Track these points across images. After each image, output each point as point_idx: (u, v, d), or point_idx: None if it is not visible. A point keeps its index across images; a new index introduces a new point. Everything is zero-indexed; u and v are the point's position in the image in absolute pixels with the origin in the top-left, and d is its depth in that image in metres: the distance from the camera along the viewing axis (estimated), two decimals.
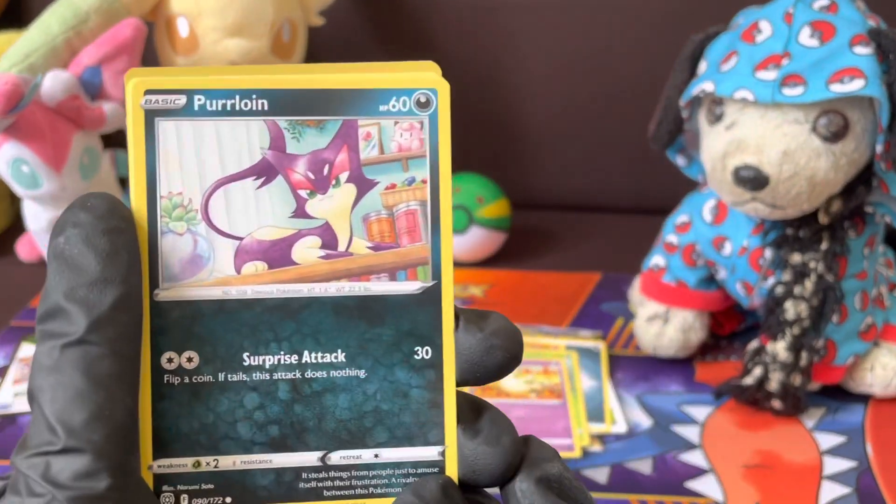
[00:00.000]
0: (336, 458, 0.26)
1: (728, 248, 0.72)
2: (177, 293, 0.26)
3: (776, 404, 0.69)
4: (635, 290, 0.83)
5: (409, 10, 1.02)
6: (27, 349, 0.78)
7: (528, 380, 0.74)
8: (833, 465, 0.66)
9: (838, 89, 0.62)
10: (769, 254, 0.69)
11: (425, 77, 0.27)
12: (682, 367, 0.77)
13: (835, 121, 0.63)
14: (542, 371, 0.75)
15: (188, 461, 0.26)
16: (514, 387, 0.73)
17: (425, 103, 0.27)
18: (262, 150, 0.26)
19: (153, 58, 0.92)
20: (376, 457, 0.27)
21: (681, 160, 0.76)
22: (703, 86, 0.66)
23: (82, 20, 0.84)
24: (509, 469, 0.26)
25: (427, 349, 0.27)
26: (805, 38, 0.63)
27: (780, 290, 0.68)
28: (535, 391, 0.73)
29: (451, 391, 0.27)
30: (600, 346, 0.79)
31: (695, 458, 0.66)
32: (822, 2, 0.65)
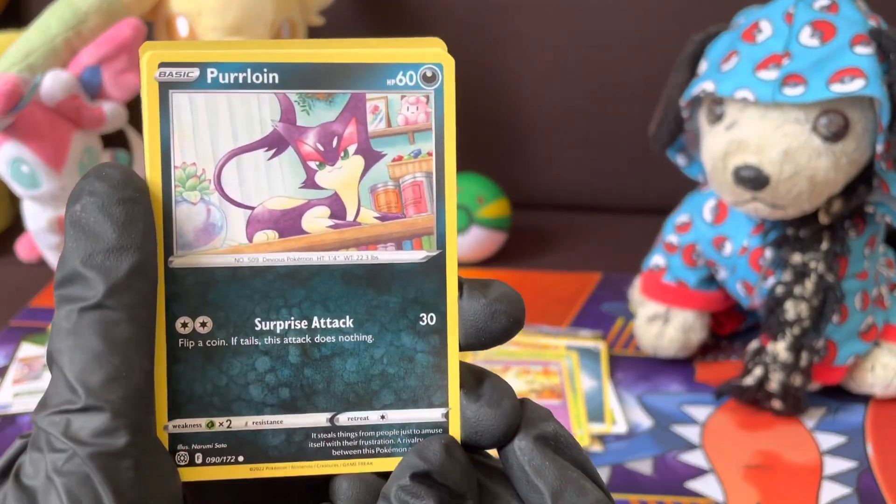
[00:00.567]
0: (344, 419, 0.27)
1: (728, 248, 0.72)
2: (190, 260, 0.26)
3: (776, 404, 0.69)
4: (635, 290, 0.83)
5: (409, 9, 1.02)
6: (27, 349, 0.78)
7: (528, 380, 0.74)
8: (833, 465, 0.66)
9: (839, 89, 0.62)
10: (769, 254, 0.69)
11: (431, 52, 0.27)
12: (682, 368, 0.77)
13: (835, 120, 0.63)
14: (542, 371, 0.75)
15: (202, 421, 0.27)
16: (515, 387, 0.73)
17: (431, 77, 0.27)
18: (273, 123, 0.27)
19: None
20: (383, 418, 0.27)
21: (681, 160, 0.76)
22: (704, 85, 0.66)
23: (82, 20, 0.84)
24: (510, 430, 0.27)
25: (432, 315, 0.27)
26: (806, 37, 0.63)
27: (780, 291, 0.68)
28: (535, 391, 0.73)
29: (454, 356, 0.27)
30: (600, 346, 0.79)
31: (695, 458, 0.66)
32: (823, 1, 0.65)
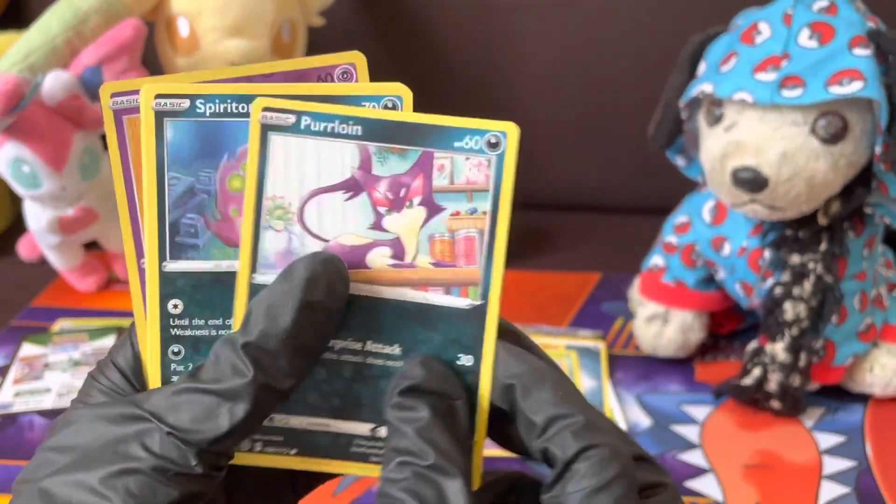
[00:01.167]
0: (383, 431, 0.30)
1: (727, 249, 0.72)
2: (269, 279, 0.30)
3: (775, 405, 0.69)
4: (635, 291, 0.83)
5: (409, 10, 1.02)
6: (28, 349, 0.78)
7: None
8: (832, 464, 0.66)
9: (837, 91, 0.62)
10: (768, 254, 0.69)
11: (498, 122, 0.30)
12: (681, 367, 0.77)
13: (834, 122, 0.63)
14: None
15: None
16: None
17: (495, 144, 0.30)
18: (353, 169, 0.30)
19: (153, 58, 0.92)
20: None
21: (680, 161, 0.76)
22: (703, 87, 0.66)
23: (82, 20, 0.84)
24: None
25: (469, 357, 0.30)
26: (804, 39, 0.63)
27: (779, 291, 0.68)
28: None
29: (485, 396, 0.30)
30: (600, 345, 0.79)
31: (694, 457, 0.67)
32: (822, 3, 0.65)
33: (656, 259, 0.78)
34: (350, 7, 1.02)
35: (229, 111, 0.30)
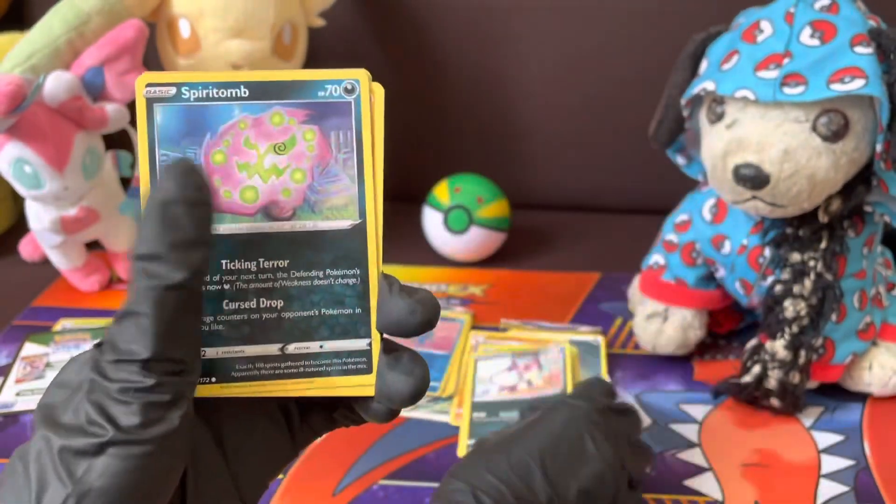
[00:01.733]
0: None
1: (727, 247, 0.73)
2: None
3: (775, 402, 0.69)
4: (635, 289, 0.83)
5: (409, 11, 1.02)
6: (30, 348, 0.78)
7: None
8: (831, 463, 0.66)
9: (839, 88, 0.62)
10: (768, 252, 0.70)
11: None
12: (680, 366, 0.77)
13: (835, 120, 0.64)
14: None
15: None
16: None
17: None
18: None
19: (155, 59, 0.92)
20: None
21: (681, 159, 0.76)
22: (705, 85, 0.67)
23: (84, 21, 0.84)
24: (417, 393, 0.34)
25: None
26: (806, 37, 0.64)
27: (779, 289, 0.68)
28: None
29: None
30: (600, 339, 0.79)
31: (693, 456, 0.67)
32: (823, 2, 0.65)
33: (656, 257, 0.79)
34: (350, 8, 1.02)
35: (211, 96, 0.34)
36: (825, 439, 0.68)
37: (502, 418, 0.69)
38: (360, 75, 0.35)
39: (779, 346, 0.68)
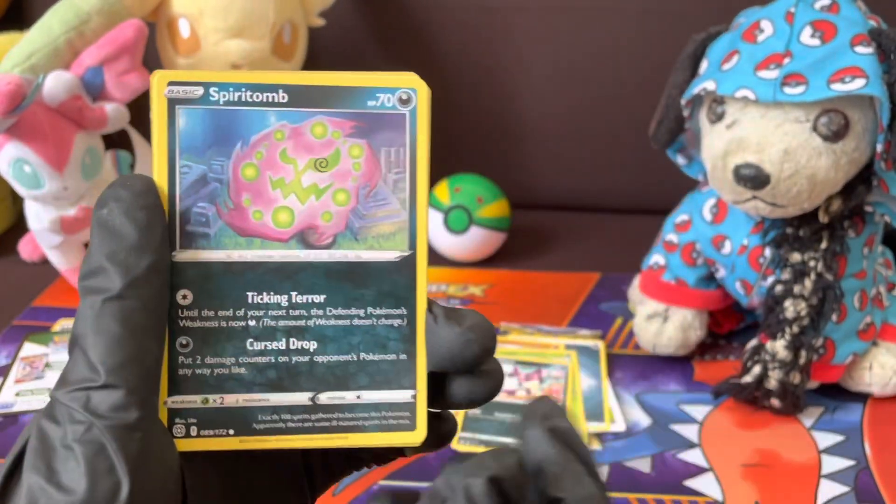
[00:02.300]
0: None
1: (728, 247, 0.73)
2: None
3: (775, 402, 0.69)
4: (635, 289, 0.83)
5: (409, 11, 1.02)
6: (29, 348, 0.78)
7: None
8: (831, 463, 0.66)
9: (839, 88, 0.62)
10: (769, 252, 0.70)
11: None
12: (680, 367, 0.77)
13: (835, 120, 0.64)
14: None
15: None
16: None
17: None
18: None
19: (155, 59, 0.92)
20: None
21: (681, 159, 0.76)
22: (705, 84, 0.67)
23: (84, 21, 0.84)
24: (482, 356, 0.30)
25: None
26: (806, 37, 0.64)
27: (779, 289, 0.68)
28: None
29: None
30: (599, 345, 0.79)
31: (694, 456, 0.67)
32: (824, 2, 0.65)
33: (657, 257, 0.78)
34: (350, 8, 1.02)
35: (243, 100, 0.30)
36: (825, 439, 0.68)
37: (497, 417, 0.69)
38: (418, 84, 0.30)
39: (779, 347, 0.68)
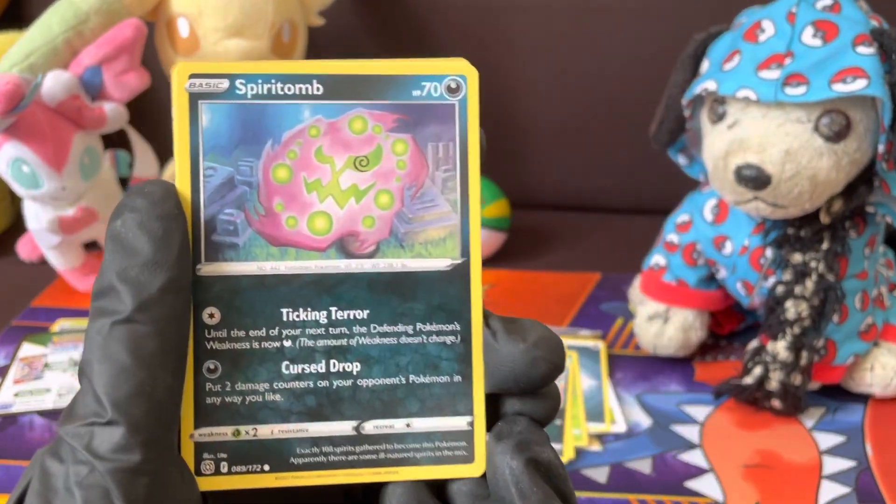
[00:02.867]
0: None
1: (729, 248, 0.72)
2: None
3: (776, 404, 0.69)
4: (635, 290, 0.83)
5: (409, 10, 1.02)
6: (28, 349, 0.78)
7: None
8: (832, 464, 0.66)
9: (841, 89, 0.62)
10: (770, 253, 0.70)
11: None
12: (681, 367, 0.77)
13: (837, 120, 0.64)
14: None
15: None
16: None
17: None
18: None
19: (154, 58, 0.92)
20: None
21: (682, 160, 0.76)
22: (706, 84, 0.66)
23: (83, 20, 0.84)
24: (554, 373, 0.27)
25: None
26: (808, 37, 0.63)
27: (780, 290, 0.68)
28: None
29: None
30: (600, 345, 0.79)
31: (694, 457, 0.66)
32: (825, 1, 0.65)
33: (657, 258, 0.78)
34: (350, 7, 1.02)
35: (273, 92, 0.26)
36: (826, 440, 0.68)
37: None
38: (468, 70, 0.28)
39: (780, 347, 0.68)
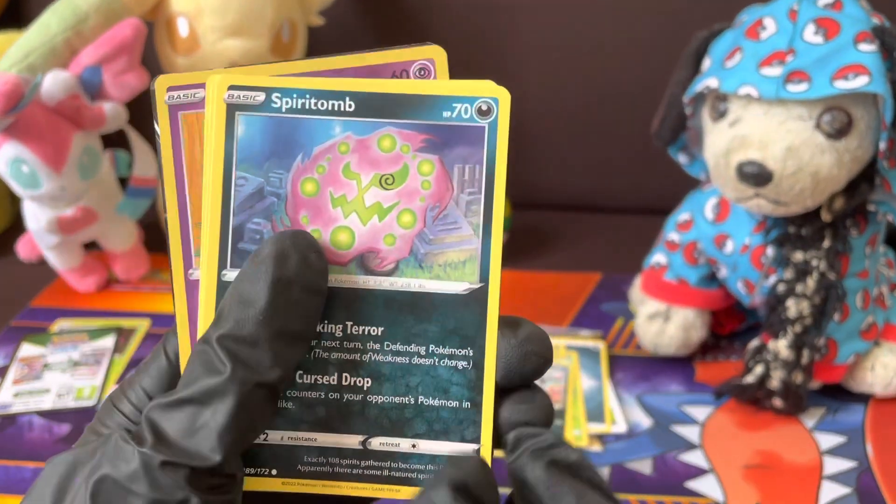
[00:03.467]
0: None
1: (730, 246, 0.72)
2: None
3: (777, 403, 0.69)
4: (636, 289, 0.83)
5: (409, 10, 1.02)
6: (27, 349, 0.78)
7: None
8: (833, 465, 0.66)
9: (842, 86, 0.62)
10: (771, 252, 0.69)
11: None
12: (682, 368, 0.77)
13: (839, 117, 0.63)
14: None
15: None
16: None
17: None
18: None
19: (153, 58, 0.92)
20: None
21: (683, 158, 0.76)
22: (707, 82, 0.66)
23: (82, 20, 0.83)
24: (544, 366, 0.27)
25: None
26: (810, 34, 0.63)
27: (781, 288, 0.68)
28: None
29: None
30: (600, 345, 0.79)
31: (695, 458, 0.66)
32: None
33: (658, 257, 0.78)
34: (350, 7, 1.02)
35: (307, 107, 0.27)
36: (827, 441, 0.68)
37: None
38: (500, 93, 0.28)
39: (781, 346, 0.68)
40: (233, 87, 0.27)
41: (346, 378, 0.27)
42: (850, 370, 0.71)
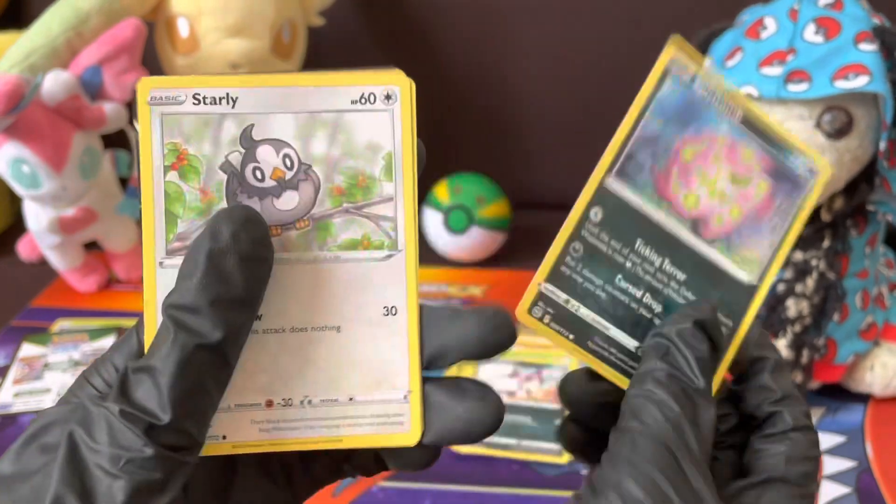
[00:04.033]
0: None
1: None
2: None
3: None
4: None
5: (409, 10, 1.02)
6: (28, 349, 0.78)
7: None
8: (833, 464, 0.66)
9: (843, 85, 0.62)
10: None
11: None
12: None
13: (839, 117, 0.63)
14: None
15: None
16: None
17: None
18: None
19: (153, 58, 0.92)
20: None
21: None
22: None
23: (83, 20, 0.84)
24: (497, 423, 0.29)
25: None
26: (810, 34, 0.63)
27: (781, 288, 0.68)
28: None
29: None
30: None
31: None
32: None
33: None
34: (350, 7, 1.02)
35: (713, 98, 0.34)
36: (827, 440, 0.68)
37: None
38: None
39: (781, 346, 0.68)
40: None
41: (647, 297, 0.33)
42: (850, 370, 0.71)
